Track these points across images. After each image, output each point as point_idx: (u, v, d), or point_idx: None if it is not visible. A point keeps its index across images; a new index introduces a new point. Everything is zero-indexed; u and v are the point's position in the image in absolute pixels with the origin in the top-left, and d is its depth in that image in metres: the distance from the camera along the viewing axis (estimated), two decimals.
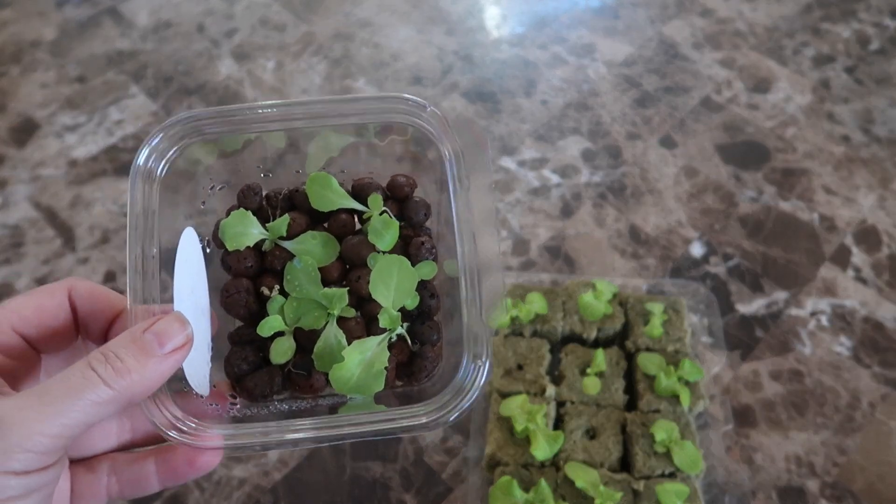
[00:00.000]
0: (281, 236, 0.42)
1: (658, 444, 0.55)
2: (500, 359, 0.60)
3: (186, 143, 0.42)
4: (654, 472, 0.55)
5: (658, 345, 0.61)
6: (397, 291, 0.39)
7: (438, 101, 0.95)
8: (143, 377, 0.28)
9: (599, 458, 0.55)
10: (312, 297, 0.39)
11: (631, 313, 0.64)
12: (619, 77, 0.97)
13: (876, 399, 0.68)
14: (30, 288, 0.77)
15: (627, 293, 0.66)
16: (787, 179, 0.85)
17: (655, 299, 0.64)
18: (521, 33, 1.04)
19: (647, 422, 0.57)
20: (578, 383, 0.59)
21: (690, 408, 0.58)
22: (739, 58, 0.99)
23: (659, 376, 0.58)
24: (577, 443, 0.56)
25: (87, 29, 1.06)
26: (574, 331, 0.63)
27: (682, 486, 0.53)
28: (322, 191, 0.44)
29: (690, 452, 0.55)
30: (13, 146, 0.91)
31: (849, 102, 0.93)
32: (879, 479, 0.63)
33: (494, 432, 0.56)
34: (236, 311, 0.40)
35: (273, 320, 0.38)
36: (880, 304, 0.74)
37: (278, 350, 0.39)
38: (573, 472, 0.53)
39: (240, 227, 0.42)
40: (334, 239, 0.42)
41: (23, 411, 0.25)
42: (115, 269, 0.78)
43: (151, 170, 0.41)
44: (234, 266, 0.42)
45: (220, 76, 0.99)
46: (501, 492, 0.52)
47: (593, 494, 0.52)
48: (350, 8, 1.08)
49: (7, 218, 0.84)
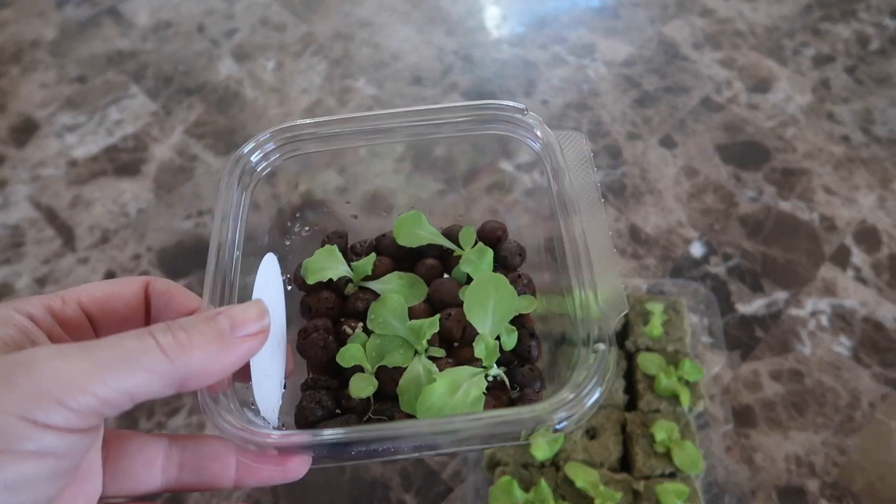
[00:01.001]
0: (366, 276, 0.40)
1: (658, 444, 0.55)
2: None
3: (288, 153, 0.42)
4: (655, 472, 0.55)
5: (658, 345, 0.61)
6: (495, 315, 0.35)
7: (438, 100, 0.95)
8: (206, 357, 0.25)
9: (599, 458, 0.55)
10: (398, 334, 0.37)
11: (631, 313, 0.63)
12: (619, 77, 0.97)
13: (876, 399, 0.68)
14: (30, 288, 0.77)
15: (627, 293, 0.66)
16: (787, 179, 0.85)
17: (655, 299, 0.64)
18: (521, 33, 1.04)
19: (647, 422, 0.57)
20: None
21: (690, 407, 0.58)
22: (739, 58, 0.99)
23: (659, 376, 0.58)
24: (576, 443, 0.56)
25: (87, 29, 1.06)
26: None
27: (682, 486, 0.53)
28: (412, 228, 0.42)
29: (690, 452, 0.54)
30: (13, 146, 0.91)
31: (849, 102, 0.93)
32: (879, 479, 0.63)
33: None
34: (314, 353, 0.37)
35: (354, 348, 0.36)
36: (880, 304, 0.74)
37: (358, 385, 0.35)
38: (573, 472, 0.53)
39: (325, 262, 0.40)
40: (422, 280, 0.40)
41: (61, 359, 0.22)
42: (115, 268, 0.79)
43: (248, 171, 0.40)
44: (314, 306, 0.40)
45: (220, 76, 0.99)
46: (501, 492, 0.51)
47: (593, 494, 0.51)
48: (350, 8, 1.09)
49: (7, 218, 0.84)
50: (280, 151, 0.42)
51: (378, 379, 0.36)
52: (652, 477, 0.55)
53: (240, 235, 0.36)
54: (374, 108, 0.94)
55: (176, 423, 0.67)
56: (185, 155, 0.89)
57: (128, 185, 0.87)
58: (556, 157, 0.37)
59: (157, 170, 0.88)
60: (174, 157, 0.89)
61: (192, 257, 0.79)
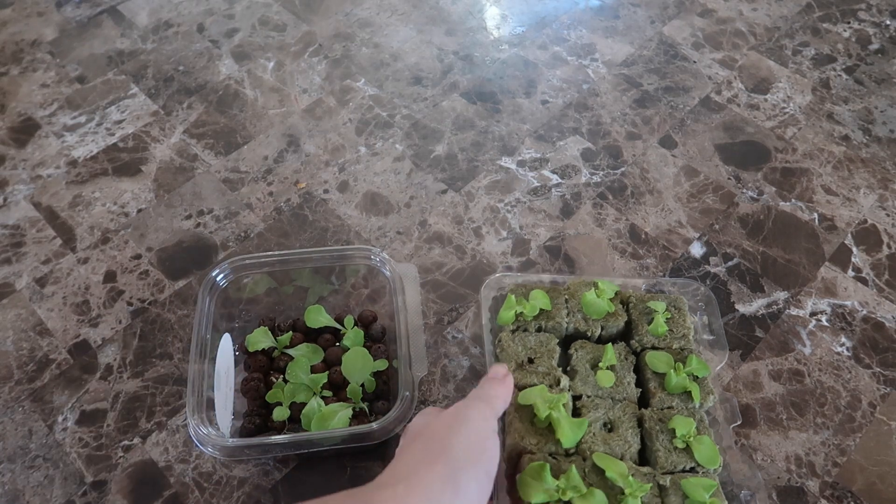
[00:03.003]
0: (286, 345, 0.69)
1: (678, 439, 0.55)
2: (511, 353, 0.59)
3: (238, 272, 0.69)
4: (677, 467, 0.54)
5: (663, 342, 0.61)
6: (361, 372, 0.64)
7: (438, 101, 0.95)
8: (498, 391, 0.49)
9: (620, 451, 0.54)
10: (304, 382, 0.65)
11: (633, 312, 0.63)
12: (619, 77, 0.97)
13: (876, 399, 0.68)
14: (30, 288, 0.77)
15: (629, 292, 0.66)
16: (787, 179, 0.85)
17: (657, 298, 0.64)
18: (521, 33, 1.04)
19: (663, 418, 0.56)
20: (592, 377, 0.59)
21: (701, 403, 0.58)
22: (739, 58, 0.99)
23: (669, 374, 0.58)
24: (595, 435, 0.55)
25: (87, 29, 1.06)
26: (578, 328, 0.62)
27: (710, 480, 0.52)
28: (316, 316, 0.69)
29: (709, 447, 0.54)
30: (13, 146, 0.91)
31: (849, 102, 0.93)
32: (879, 479, 0.63)
33: (514, 423, 0.54)
34: (252, 394, 0.66)
35: (277, 391, 0.65)
36: (880, 304, 0.74)
37: (278, 413, 0.64)
38: (603, 461, 0.52)
39: (260, 338, 0.68)
40: (321, 348, 0.68)
41: None
42: (115, 268, 0.79)
43: (214, 286, 0.67)
44: (252, 364, 0.68)
45: (221, 76, 0.99)
46: (532, 477, 0.50)
47: (623, 485, 0.50)
48: (350, 8, 1.08)
49: (7, 218, 0.84)
50: (233, 274, 0.68)
51: (290, 410, 0.64)
52: (675, 472, 0.54)
53: (208, 322, 0.65)
54: (374, 108, 0.94)
55: (176, 422, 0.67)
56: (185, 155, 0.89)
57: (128, 185, 0.86)
58: (398, 282, 0.67)
59: (157, 170, 0.88)
60: (174, 157, 0.89)
61: (192, 257, 0.79)
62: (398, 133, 0.91)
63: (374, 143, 0.90)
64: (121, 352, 0.72)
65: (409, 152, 0.89)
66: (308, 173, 0.87)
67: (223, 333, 0.67)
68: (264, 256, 0.68)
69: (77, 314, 0.75)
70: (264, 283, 0.71)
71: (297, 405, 0.64)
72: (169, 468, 0.64)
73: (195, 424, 0.57)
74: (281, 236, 0.81)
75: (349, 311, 0.72)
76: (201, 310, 0.64)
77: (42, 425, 0.67)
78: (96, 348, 0.72)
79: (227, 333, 0.68)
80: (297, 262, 0.69)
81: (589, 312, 0.62)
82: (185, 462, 0.65)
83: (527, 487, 0.49)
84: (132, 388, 0.69)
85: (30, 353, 0.72)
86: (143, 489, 0.63)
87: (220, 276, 0.67)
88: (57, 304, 0.76)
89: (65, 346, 0.72)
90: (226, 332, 0.68)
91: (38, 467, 0.65)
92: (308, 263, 0.69)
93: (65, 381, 0.70)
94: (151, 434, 0.66)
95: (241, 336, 0.70)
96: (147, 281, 0.77)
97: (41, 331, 0.74)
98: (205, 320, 0.64)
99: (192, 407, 0.58)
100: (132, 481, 0.64)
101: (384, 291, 0.71)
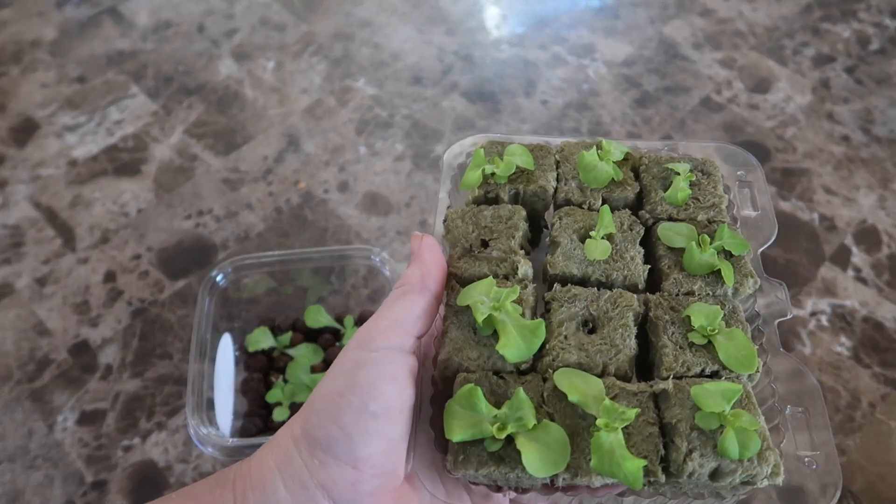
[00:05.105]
0: (286, 345, 0.70)
1: (696, 332, 0.38)
2: (458, 235, 0.42)
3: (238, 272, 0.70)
4: (690, 370, 0.37)
5: (684, 213, 0.44)
6: None
7: (438, 100, 0.95)
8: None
9: (602, 360, 0.37)
10: (304, 382, 0.66)
11: (646, 177, 0.46)
12: (619, 77, 0.97)
13: (876, 399, 0.68)
14: (30, 288, 0.77)
15: (642, 153, 0.48)
16: (787, 179, 0.85)
17: (680, 160, 0.48)
18: (521, 33, 1.04)
19: (676, 306, 0.39)
20: (579, 251, 0.41)
21: (735, 288, 0.41)
22: (739, 58, 0.99)
23: (690, 248, 0.41)
24: (568, 339, 0.38)
25: (87, 29, 1.06)
26: (571, 200, 0.45)
27: (733, 384, 0.35)
28: (315, 316, 0.70)
29: (741, 343, 0.37)
30: (13, 146, 0.91)
31: (849, 102, 0.93)
32: (879, 479, 0.63)
33: (451, 332, 0.38)
34: (252, 394, 0.67)
35: (277, 391, 0.67)
36: (880, 304, 0.74)
37: (278, 413, 0.65)
38: (564, 381, 0.35)
39: (260, 338, 0.69)
40: (321, 348, 0.69)
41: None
42: (115, 268, 0.78)
43: (213, 286, 0.68)
44: (252, 365, 0.69)
45: (220, 76, 0.99)
46: (461, 405, 0.34)
47: (594, 412, 0.34)
48: (350, 8, 1.08)
49: (7, 218, 0.84)
50: (233, 274, 0.69)
51: (291, 409, 0.65)
52: (687, 377, 0.37)
53: (208, 322, 0.65)
54: (374, 108, 0.94)
55: (176, 422, 0.67)
56: (185, 155, 0.89)
57: (128, 185, 0.86)
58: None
59: (157, 170, 0.88)
60: (174, 157, 0.89)
61: (192, 257, 0.79)
62: (398, 133, 0.91)
63: (374, 143, 0.90)
64: (121, 352, 0.72)
65: (409, 152, 0.89)
66: (308, 173, 0.87)
67: (223, 333, 0.67)
68: (264, 256, 0.68)
69: (77, 314, 0.75)
70: (264, 283, 0.71)
71: (296, 405, 0.64)
72: (169, 468, 0.64)
73: (195, 424, 0.58)
74: (281, 236, 0.81)
75: (349, 311, 0.72)
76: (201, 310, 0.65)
77: (42, 425, 0.67)
78: (96, 348, 0.72)
79: (227, 333, 0.68)
80: (297, 262, 0.69)
81: (587, 180, 0.45)
82: (185, 462, 0.65)
83: (450, 419, 0.34)
84: (132, 388, 0.69)
85: (30, 353, 0.72)
86: (143, 489, 0.63)
87: (220, 276, 0.67)
88: (57, 304, 0.76)
89: (65, 346, 0.72)
90: (226, 332, 0.68)
91: (38, 467, 0.65)
92: (308, 263, 0.69)
93: (65, 381, 0.70)
94: (151, 434, 0.66)
95: (241, 336, 0.70)
96: (147, 281, 0.77)
97: (41, 331, 0.74)
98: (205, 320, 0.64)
99: (192, 407, 0.58)
100: (132, 481, 0.64)
101: (384, 291, 0.71)
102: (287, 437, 0.35)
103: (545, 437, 0.33)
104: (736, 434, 0.34)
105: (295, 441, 0.34)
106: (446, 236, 0.42)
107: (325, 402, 0.34)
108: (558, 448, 0.33)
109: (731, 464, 0.34)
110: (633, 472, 0.32)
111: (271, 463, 0.34)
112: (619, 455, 0.32)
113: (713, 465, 0.34)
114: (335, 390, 0.34)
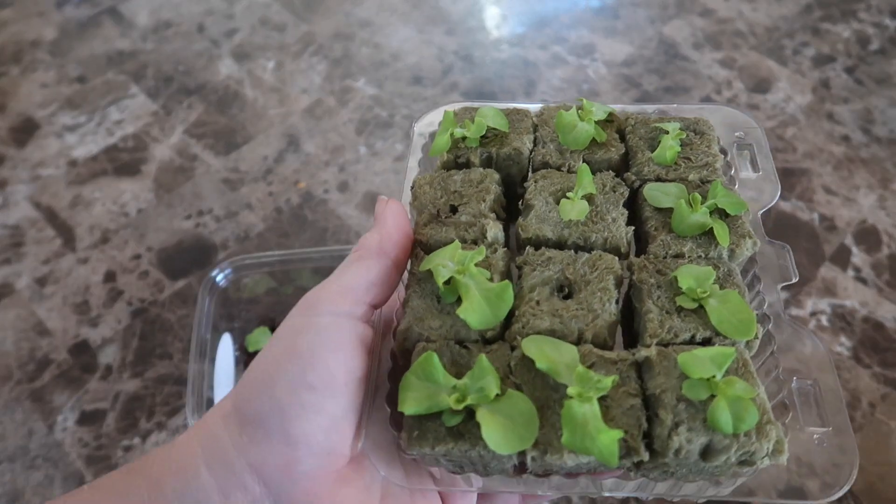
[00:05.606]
0: None
1: (684, 295, 0.34)
2: (425, 202, 0.38)
3: (238, 272, 0.71)
4: (678, 337, 0.33)
5: (674, 173, 0.40)
6: None
7: (439, 100, 0.95)
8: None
9: (577, 326, 0.33)
10: None
11: (632, 138, 0.43)
12: (619, 77, 0.97)
13: (876, 399, 0.68)
14: (30, 288, 0.77)
15: (627, 114, 0.46)
16: (787, 179, 0.85)
17: (670, 120, 0.44)
18: (521, 33, 1.04)
19: (663, 269, 0.35)
20: (554, 214, 0.38)
21: (731, 249, 0.36)
22: (739, 58, 0.99)
23: (679, 206, 0.37)
24: (540, 305, 0.34)
25: (87, 29, 1.06)
26: (549, 163, 0.41)
27: (725, 348, 0.31)
28: None
29: (736, 306, 0.33)
30: (13, 146, 0.91)
31: (849, 102, 0.93)
32: (879, 479, 0.63)
33: (413, 300, 0.34)
34: None
35: None
36: (880, 304, 0.74)
37: None
38: (533, 348, 0.31)
39: (260, 338, 0.69)
40: None
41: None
42: (115, 268, 0.78)
43: (213, 286, 0.70)
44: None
45: (220, 76, 0.99)
46: (417, 376, 0.31)
47: (566, 380, 0.30)
48: (350, 8, 1.09)
49: (7, 218, 0.84)
50: (233, 274, 0.70)
51: None
52: (675, 344, 0.33)
53: (208, 323, 0.67)
54: (374, 108, 0.94)
55: (176, 422, 0.67)
56: (185, 155, 0.89)
57: (128, 185, 0.86)
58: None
59: (157, 170, 0.88)
60: (174, 157, 0.89)
61: (192, 257, 0.79)
62: (398, 133, 0.91)
63: (374, 143, 0.90)
64: (121, 352, 0.72)
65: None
66: (308, 173, 0.87)
67: (223, 333, 0.67)
68: (264, 256, 0.68)
69: (77, 314, 0.75)
70: (264, 283, 0.71)
71: None
72: None
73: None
74: (281, 236, 0.81)
75: None
76: (201, 310, 0.65)
77: (42, 425, 0.67)
78: (96, 348, 0.72)
79: (227, 333, 0.68)
80: (297, 262, 0.69)
81: (566, 142, 0.41)
82: None
83: (404, 391, 0.30)
84: (132, 388, 0.69)
85: (30, 353, 0.72)
86: None
87: (220, 276, 0.67)
88: (57, 304, 0.76)
89: (65, 346, 0.73)
90: (226, 332, 0.68)
91: (38, 467, 0.65)
92: (308, 263, 0.69)
93: (65, 381, 0.70)
94: (151, 434, 0.66)
95: (241, 336, 0.70)
96: (147, 281, 0.77)
97: (41, 331, 0.74)
98: (205, 320, 0.64)
99: (192, 407, 0.58)
100: None
101: None
102: (216, 415, 0.31)
103: (509, 409, 0.29)
104: (728, 404, 0.29)
105: (224, 418, 0.30)
106: (413, 203, 0.39)
107: (258, 373, 0.30)
108: (524, 421, 0.29)
109: (724, 439, 0.29)
110: (608, 445, 0.27)
111: (194, 444, 0.30)
112: (592, 427, 0.28)
113: (703, 440, 0.29)
114: (271, 359, 0.30)
